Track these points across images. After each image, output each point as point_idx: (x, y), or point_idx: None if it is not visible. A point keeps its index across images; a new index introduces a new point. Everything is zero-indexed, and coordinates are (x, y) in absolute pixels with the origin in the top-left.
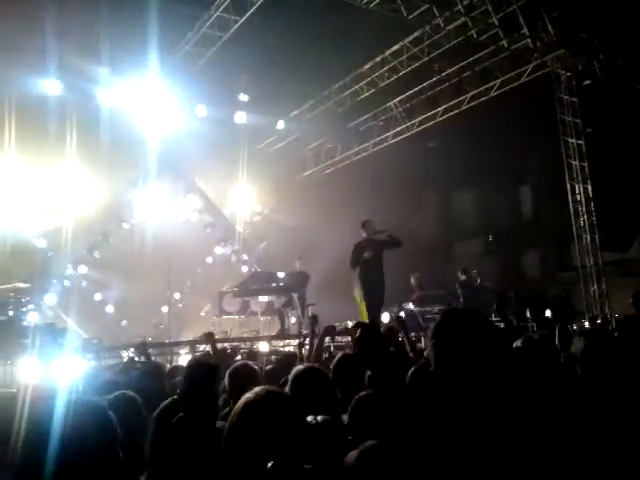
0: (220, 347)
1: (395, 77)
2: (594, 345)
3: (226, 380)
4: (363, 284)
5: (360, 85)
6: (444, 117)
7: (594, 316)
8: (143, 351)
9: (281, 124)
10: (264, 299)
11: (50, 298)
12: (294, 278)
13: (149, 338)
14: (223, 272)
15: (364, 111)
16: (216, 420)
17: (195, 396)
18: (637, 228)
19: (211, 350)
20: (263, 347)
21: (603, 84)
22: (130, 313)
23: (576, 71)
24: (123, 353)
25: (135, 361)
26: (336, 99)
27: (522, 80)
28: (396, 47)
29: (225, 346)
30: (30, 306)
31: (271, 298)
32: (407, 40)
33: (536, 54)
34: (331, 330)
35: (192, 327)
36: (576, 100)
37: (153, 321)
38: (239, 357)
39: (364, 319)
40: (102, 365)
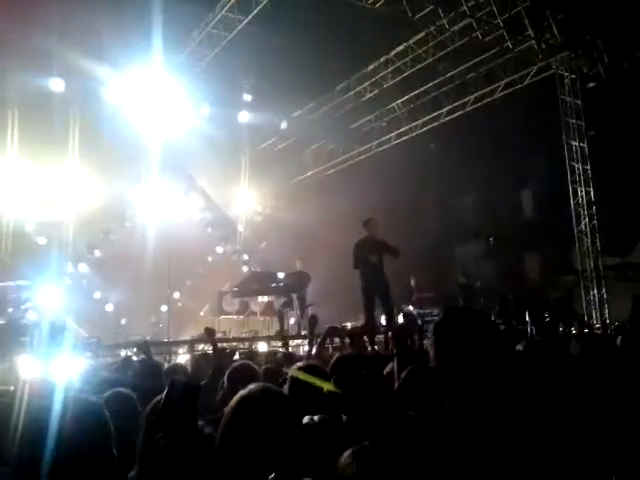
0: (219, 347)
1: (399, 78)
2: (591, 348)
3: (225, 380)
4: (362, 284)
5: (364, 86)
6: (448, 118)
7: (583, 320)
8: (145, 350)
9: (284, 124)
10: (264, 299)
11: (50, 296)
12: (294, 278)
13: (148, 337)
14: (223, 272)
15: (367, 112)
16: (196, 440)
17: (173, 417)
18: (638, 232)
19: (211, 347)
20: (262, 347)
21: (607, 87)
22: (129, 312)
23: (580, 73)
24: (122, 352)
25: (132, 359)
26: (339, 100)
27: (526, 82)
28: (400, 48)
29: (224, 346)
30: (29, 304)
31: (271, 298)
32: (411, 41)
33: (541, 56)
34: (333, 331)
35: (191, 327)
36: (580, 102)
37: (152, 320)
38: (237, 357)
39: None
40: (99, 363)
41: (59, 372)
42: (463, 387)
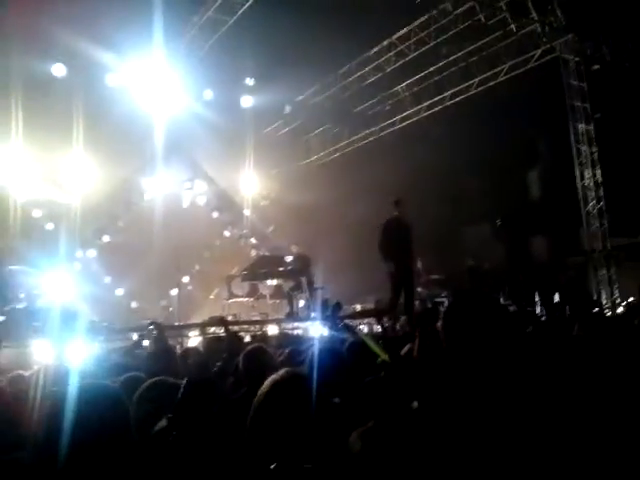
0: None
1: (402, 61)
2: (599, 330)
3: (240, 363)
4: (391, 267)
5: (367, 69)
6: (452, 102)
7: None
8: (160, 328)
9: (288, 108)
10: (273, 282)
11: (60, 281)
12: (297, 261)
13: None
14: (232, 256)
15: (371, 96)
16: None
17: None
18: None
19: (223, 329)
20: (272, 330)
21: (612, 69)
22: (140, 296)
23: (585, 56)
24: (133, 336)
25: (141, 343)
26: (343, 84)
27: (530, 65)
28: (403, 31)
29: (235, 329)
30: (41, 290)
31: (280, 281)
32: (414, 24)
33: (545, 39)
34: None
35: (201, 310)
36: (585, 85)
37: (163, 304)
38: (248, 339)
39: None
40: (112, 347)
41: (73, 357)
42: (472, 370)
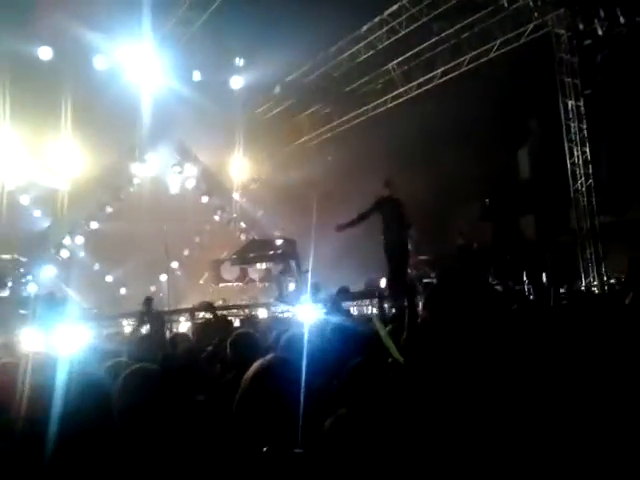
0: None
1: (394, 38)
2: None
3: (228, 348)
4: (384, 243)
5: (358, 47)
6: (443, 79)
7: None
8: (148, 306)
9: (277, 89)
10: (262, 266)
11: (48, 269)
12: (285, 245)
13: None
14: (221, 241)
15: (362, 74)
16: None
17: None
18: (634, 191)
19: (212, 318)
20: (262, 314)
21: (604, 44)
22: (129, 282)
23: (577, 31)
24: (123, 322)
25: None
26: (334, 62)
27: (522, 40)
28: (394, 7)
29: (224, 314)
30: (29, 277)
31: (269, 265)
32: (405, 0)
33: (536, 14)
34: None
35: (191, 295)
36: (576, 60)
37: (152, 289)
38: (237, 323)
39: None
40: (101, 334)
41: (61, 344)
42: (458, 344)
